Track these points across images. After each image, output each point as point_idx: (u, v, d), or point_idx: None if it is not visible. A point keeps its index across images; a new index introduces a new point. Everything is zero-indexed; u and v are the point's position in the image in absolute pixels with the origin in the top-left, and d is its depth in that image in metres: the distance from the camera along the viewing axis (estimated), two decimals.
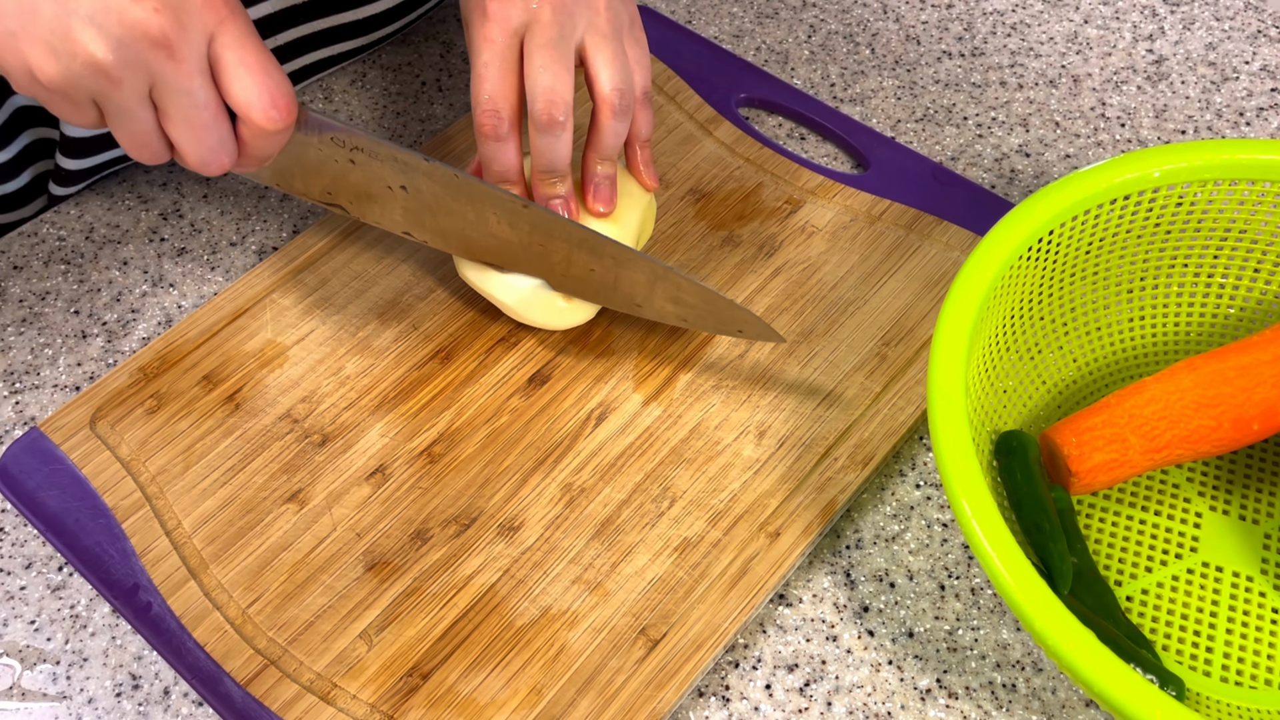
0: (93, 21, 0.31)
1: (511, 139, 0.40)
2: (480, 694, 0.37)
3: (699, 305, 0.40)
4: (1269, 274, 0.42)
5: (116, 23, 0.31)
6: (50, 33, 0.31)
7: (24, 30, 0.31)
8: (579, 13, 0.39)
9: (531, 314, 0.45)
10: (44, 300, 0.48)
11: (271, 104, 0.33)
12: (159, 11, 0.31)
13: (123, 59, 0.31)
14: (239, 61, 0.33)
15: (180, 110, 0.33)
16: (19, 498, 0.41)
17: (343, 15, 0.52)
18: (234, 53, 0.33)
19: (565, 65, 0.39)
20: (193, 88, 0.33)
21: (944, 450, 0.34)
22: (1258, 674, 0.38)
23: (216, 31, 0.32)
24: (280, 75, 0.34)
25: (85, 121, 0.34)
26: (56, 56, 0.31)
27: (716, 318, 0.41)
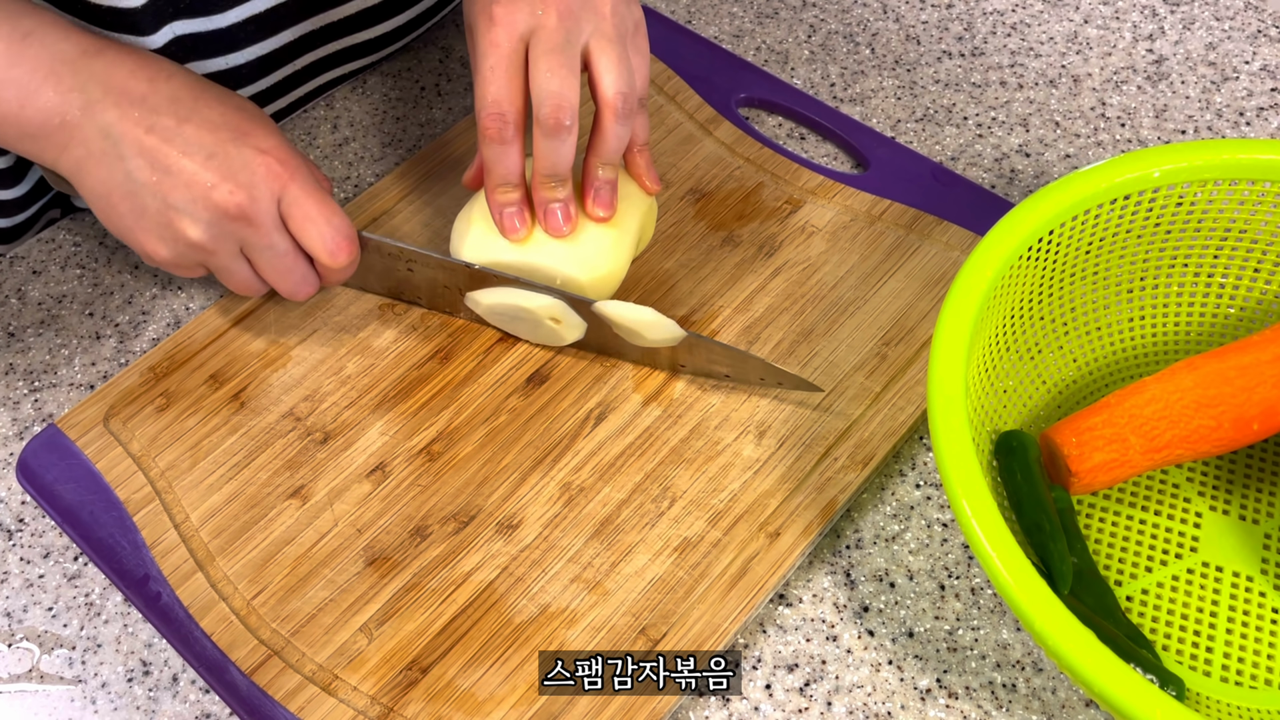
0: (186, 212, 0.39)
1: (515, 142, 0.40)
2: (479, 689, 0.37)
3: (735, 364, 0.43)
4: (1269, 274, 0.42)
5: (204, 209, 0.39)
6: (157, 224, 0.39)
7: (138, 225, 0.39)
8: (584, 17, 0.40)
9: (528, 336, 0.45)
10: (60, 303, 0.49)
11: (336, 248, 0.40)
12: (234, 193, 0.38)
13: (214, 235, 0.39)
14: (304, 216, 0.40)
15: (266, 261, 0.41)
16: (38, 490, 0.42)
17: (357, 36, 0.53)
18: (298, 208, 0.40)
19: (571, 70, 0.39)
20: (273, 242, 0.40)
21: (944, 450, 0.34)
22: (1258, 674, 0.38)
23: (282, 194, 0.39)
24: (340, 218, 0.41)
25: (196, 275, 0.42)
26: (164, 242, 0.40)
27: (755, 374, 0.43)
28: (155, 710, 0.39)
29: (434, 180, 0.51)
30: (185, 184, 0.38)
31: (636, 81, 0.41)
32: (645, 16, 0.46)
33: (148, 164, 0.38)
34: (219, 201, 0.38)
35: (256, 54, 0.49)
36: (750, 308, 0.47)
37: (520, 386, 0.45)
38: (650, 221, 0.46)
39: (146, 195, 0.39)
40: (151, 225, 0.39)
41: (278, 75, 0.51)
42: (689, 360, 0.44)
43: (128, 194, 0.39)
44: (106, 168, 0.39)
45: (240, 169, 0.39)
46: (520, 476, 0.42)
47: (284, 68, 0.51)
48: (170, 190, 0.38)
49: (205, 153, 0.38)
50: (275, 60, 0.50)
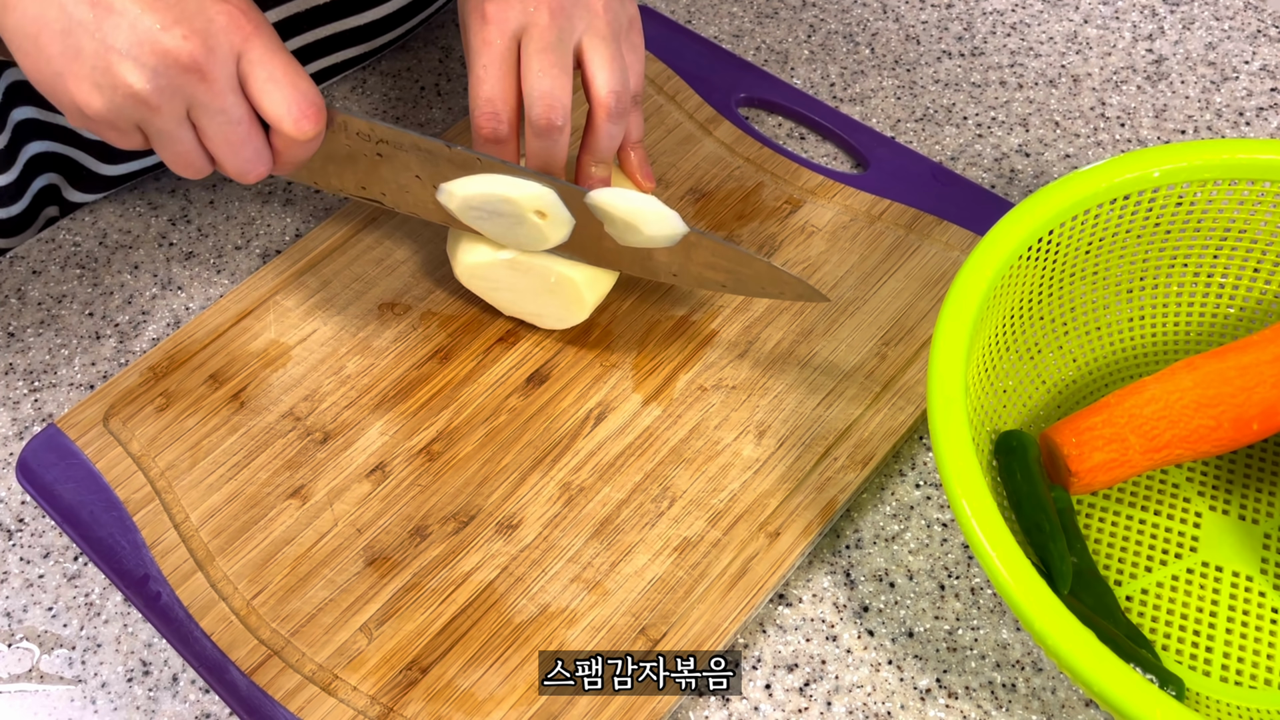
0: (129, 55, 0.33)
1: (510, 141, 0.40)
2: (479, 689, 0.37)
3: (736, 269, 0.40)
4: (1269, 274, 0.42)
5: (150, 53, 0.33)
6: (92, 69, 0.33)
7: (69, 70, 0.33)
8: (577, 15, 0.40)
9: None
10: (60, 303, 0.49)
11: (301, 115, 0.35)
12: (187, 38, 0.33)
13: (159, 87, 0.33)
14: (267, 76, 0.35)
15: (216, 128, 0.35)
16: (38, 490, 0.42)
17: (346, 21, 0.53)
18: (261, 68, 0.34)
19: (563, 68, 0.39)
20: (226, 106, 0.35)
21: (944, 450, 0.34)
22: (1258, 674, 0.38)
23: (243, 49, 0.34)
24: (308, 84, 0.35)
25: (131, 145, 0.36)
26: (100, 91, 0.34)
27: (756, 281, 0.41)
28: (155, 710, 0.39)
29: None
30: (130, 24, 0.33)
31: (630, 79, 0.41)
32: (644, 16, 0.46)
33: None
34: (168, 47, 0.33)
35: None
36: (750, 308, 0.47)
37: (520, 386, 0.45)
38: None
39: (83, 34, 0.33)
40: (86, 70, 0.33)
41: None
42: (685, 267, 0.41)
43: (60, 32, 0.33)
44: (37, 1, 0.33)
45: (196, 13, 0.33)
46: (520, 476, 0.42)
47: None
48: (112, 30, 0.33)
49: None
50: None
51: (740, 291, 0.41)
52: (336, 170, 0.41)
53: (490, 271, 0.43)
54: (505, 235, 0.41)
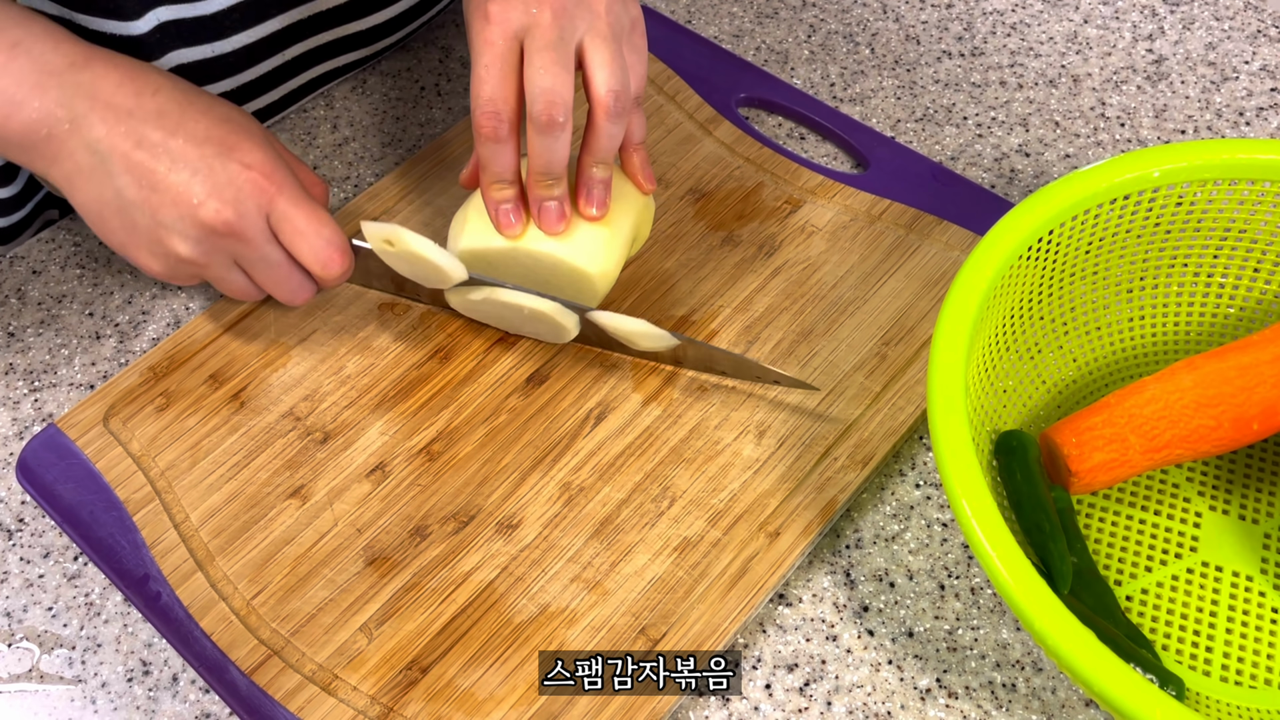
0: (175, 229, 0.39)
1: (511, 140, 0.40)
2: (479, 689, 0.37)
3: (733, 367, 0.44)
4: (1269, 274, 0.42)
5: (192, 226, 0.39)
6: (148, 241, 0.40)
7: (130, 241, 0.40)
8: (579, 15, 0.40)
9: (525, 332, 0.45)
10: (61, 303, 0.49)
11: (328, 260, 0.41)
12: (220, 211, 0.39)
13: (205, 250, 0.40)
14: (293, 230, 0.40)
15: (260, 272, 0.41)
16: (38, 490, 0.42)
17: (347, 27, 0.53)
18: (287, 222, 0.40)
19: (565, 67, 0.39)
20: (264, 255, 0.41)
21: (944, 450, 0.34)
22: (1258, 674, 0.38)
23: (270, 208, 0.40)
24: (331, 229, 0.41)
25: (194, 284, 0.43)
26: (157, 258, 0.40)
27: (750, 373, 0.44)
28: (155, 710, 0.39)
29: (433, 180, 0.51)
30: (172, 201, 0.39)
31: (632, 80, 0.41)
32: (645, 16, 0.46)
33: (135, 181, 0.38)
34: (205, 219, 0.39)
35: (244, 41, 0.49)
36: (750, 307, 0.47)
37: (520, 386, 0.45)
38: (646, 221, 0.46)
39: (136, 212, 0.39)
40: (143, 241, 0.40)
41: (267, 65, 0.51)
42: (688, 358, 0.44)
43: (118, 210, 0.39)
44: (96, 184, 0.39)
45: (225, 185, 0.39)
46: (520, 476, 0.42)
47: (273, 57, 0.51)
48: (158, 208, 0.39)
49: (190, 169, 0.39)
50: (264, 49, 0.50)
51: (743, 377, 0.45)
52: (375, 279, 0.46)
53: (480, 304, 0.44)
54: (521, 328, 0.45)
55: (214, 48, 0.48)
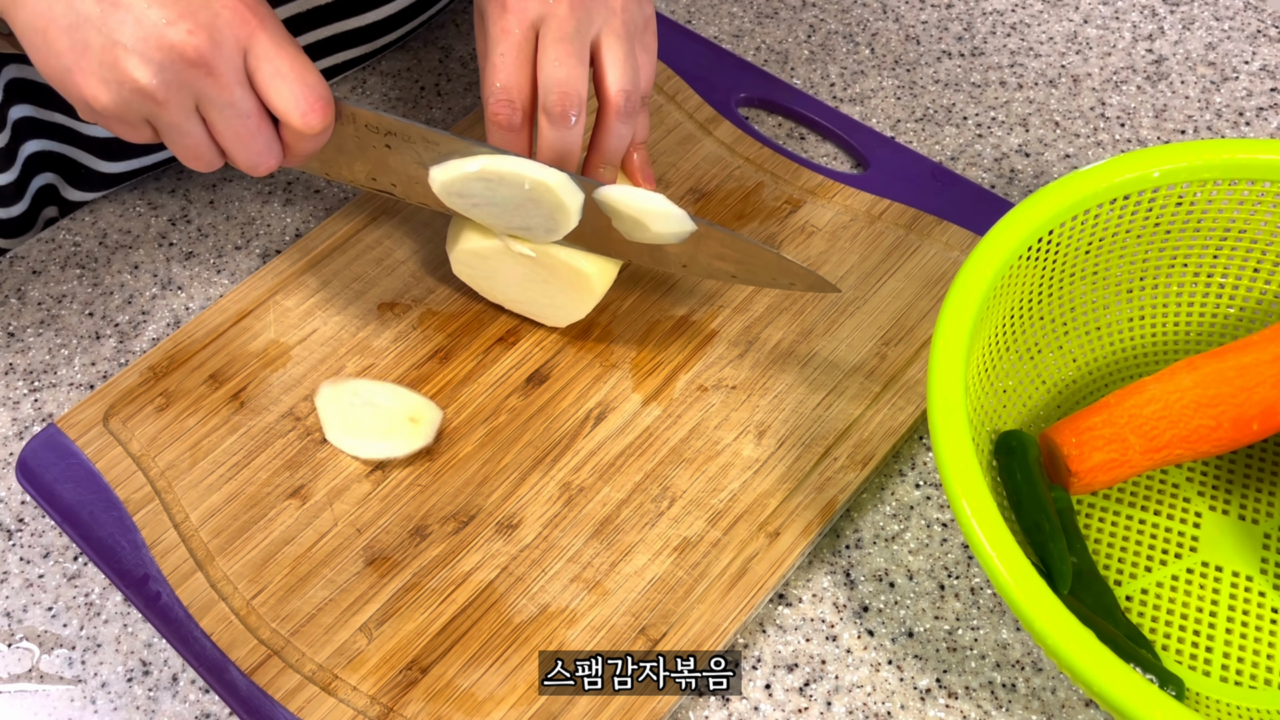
0: (135, 50, 0.33)
1: (523, 130, 0.40)
2: (479, 689, 0.37)
3: (745, 260, 0.40)
4: (1269, 274, 0.42)
5: (156, 48, 0.33)
6: (100, 65, 0.34)
7: (77, 65, 0.34)
8: (596, 10, 0.39)
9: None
10: (60, 303, 0.49)
11: (309, 109, 0.35)
12: (193, 33, 0.33)
13: (166, 81, 0.34)
14: (274, 71, 0.35)
15: (225, 121, 0.35)
16: (37, 490, 0.42)
17: (346, 23, 0.53)
18: (268, 62, 0.35)
19: (580, 60, 0.39)
20: (234, 100, 0.35)
21: (944, 450, 0.34)
22: (1257, 674, 0.38)
23: (249, 44, 0.34)
24: (315, 77, 0.36)
25: (141, 139, 0.36)
26: (107, 86, 0.34)
27: (765, 272, 0.41)
28: (155, 710, 0.39)
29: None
30: (136, 19, 0.33)
31: (641, 80, 0.41)
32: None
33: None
34: (174, 42, 0.33)
35: None
36: (750, 308, 0.47)
37: (520, 386, 0.45)
38: None
39: (90, 29, 0.33)
40: (93, 65, 0.34)
41: None
42: (694, 258, 0.41)
43: (68, 27, 0.34)
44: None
45: (201, 8, 0.34)
46: (520, 476, 0.42)
47: None
48: (118, 25, 0.33)
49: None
50: None
51: (750, 282, 0.41)
52: (347, 161, 0.41)
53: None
54: (508, 222, 0.41)
55: None
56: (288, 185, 0.53)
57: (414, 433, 0.42)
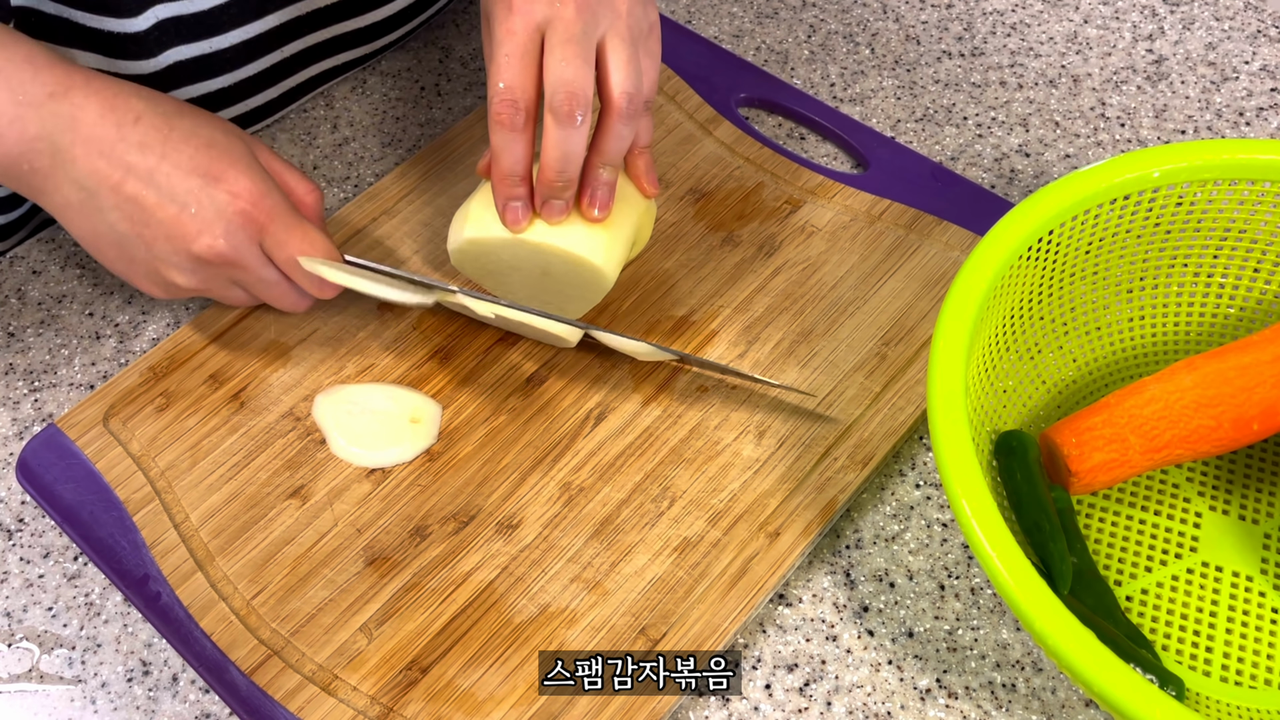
0: (171, 264, 0.40)
1: (526, 131, 0.40)
2: (479, 689, 0.37)
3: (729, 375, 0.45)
4: (1269, 274, 0.42)
5: (188, 260, 0.40)
6: (147, 272, 0.41)
7: (129, 271, 0.41)
8: (601, 13, 0.39)
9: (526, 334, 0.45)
10: (60, 303, 0.49)
11: (320, 284, 0.42)
12: (212, 245, 0.39)
13: (203, 278, 0.41)
14: (286, 259, 0.41)
15: (259, 290, 0.42)
16: (37, 490, 0.42)
17: (345, 24, 0.53)
18: (281, 250, 0.41)
19: (587, 62, 0.39)
20: (261, 277, 0.42)
21: (944, 450, 0.34)
22: (1258, 674, 0.38)
23: (262, 237, 0.41)
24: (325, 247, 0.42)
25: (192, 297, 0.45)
26: (158, 286, 0.42)
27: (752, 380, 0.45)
28: (155, 710, 0.39)
29: (434, 180, 0.51)
30: (165, 236, 0.39)
31: (644, 84, 0.41)
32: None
33: (126, 216, 0.39)
34: (199, 253, 0.40)
35: (241, 38, 0.49)
36: (750, 307, 0.47)
37: (520, 386, 0.45)
38: (648, 223, 0.46)
39: (131, 245, 0.40)
40: (142, 272, 0.41)
41: (266, 62, 0.51)
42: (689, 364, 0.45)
43: (114, 242, 0.40)
44: (88, 218, 0.39)
45: (216, 219, 0.39)
46: (520, 476, 0.42)
47: (271, 54, 0.51)
48: (152, 241, 0.39)
49: (179, 203, 0.39)
50: (261, 45, 0.50)
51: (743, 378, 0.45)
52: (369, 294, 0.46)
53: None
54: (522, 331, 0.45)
55: (211, 43, 0.48)
56: None
57: (417, 434, 0.43)
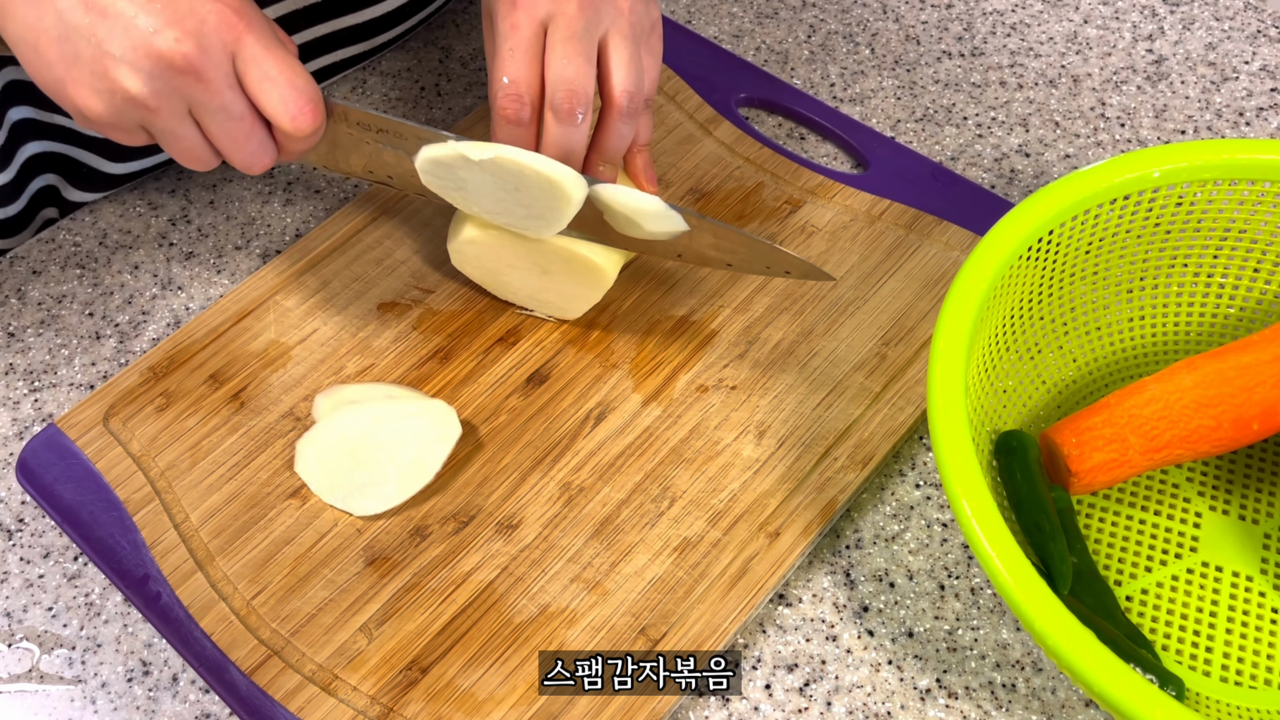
0: (124, 60, 0.34)
1: (531, 126, 0.39)
2: (479, 689, 0.37)
3: (740, 250, 0.41)
4: (1269, 274, 0.42)
5: (144, 57, 0.34)
6: (91, 75, 0.34)
7: (69, 76, 0.35)
8: (604, 11, 0.39)
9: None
10: (60, 303, 0.49)
11: (299, 111, 0.36)
12: (180, 40, 0.34)
13: (156, 89, 0.34)
14: (262, 75, 0.35)
15: (218, 125, 0.36)
16: (37, 490, 0.42)
17: (345, 19, 0.53)
18: (256, 66, 0.35)
19: (588, 59, 0.39)
20: (225, 103, 0.35)
21: (944, 450, 0.34)
22: (1257, 674, 0.38)
23: (237, 48, 0.35)
24: (304, 79, 0.36)
25: (137, 143, 0.37)
26: (99, 95, 0.35)
27: (760, 261, 0.41)
28: (155, 710, 0.39)
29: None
30: (124, 29, 0.34)
31: (645, 82, 0.41)
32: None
33: (82, 4, 0.34)
34: (162, 50, 0.34)
35: None
36: (750, 308, 0.47)
37: (520, 386, 0.45)
38: None
39: (80, 40, 0.34)
40: (85, 76, 0.34)
41: None
42: (689, 249, 0.42)
43: (58, 39, 0.34)
44: (35, 8, 0.34)
45: (188, 14, 0.34)
46: (520, 476, 0.42)
47: None
48: (107, 35, 0.34)
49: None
50: None
51: (745, 270, 0.42)
52: (343, 155, 0.41)
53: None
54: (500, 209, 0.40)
55: None
56: (288, 185, 0.53)
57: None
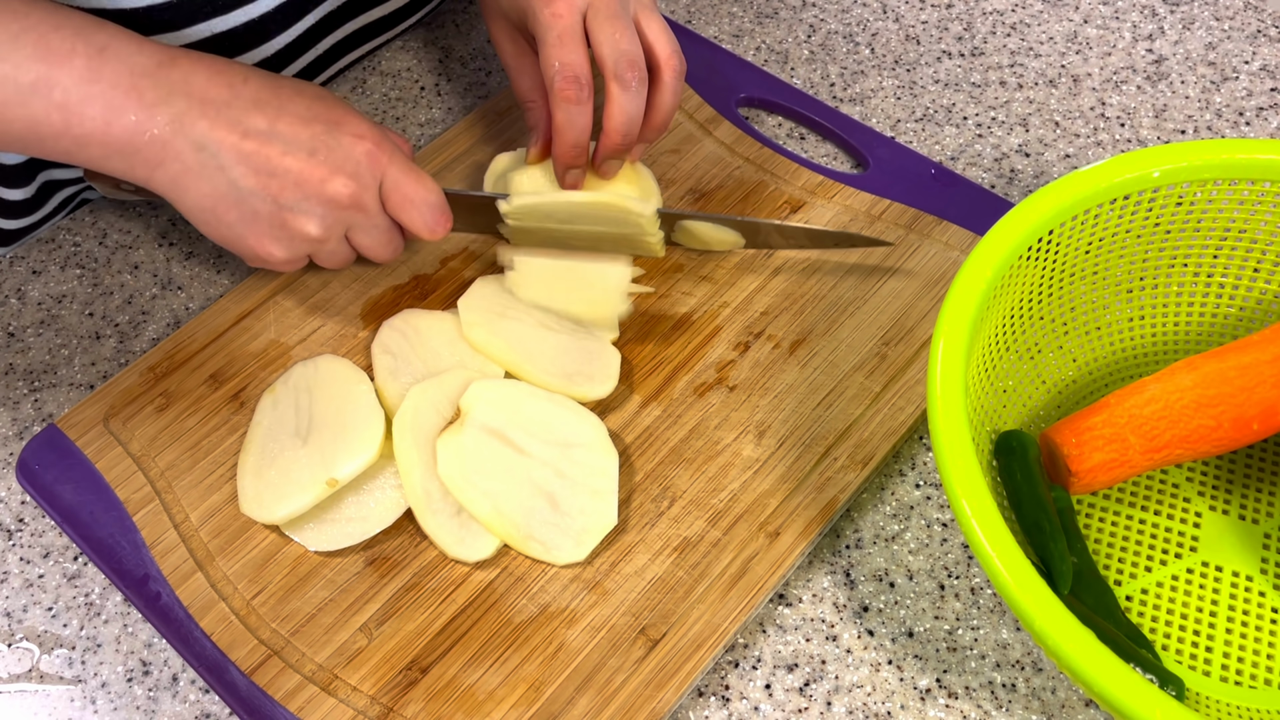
0: (301, 210, 0.40)
1: (589, 104, 0.43)
2: (479, 689, 0.37)
3: (803, 237, 0.47)
4: (1269, 274, 0.42)
5: (318, 204, 0.40)
6: (271, 227, 0.40)
7: (249, 231, 0.40)
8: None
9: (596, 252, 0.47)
10: (60, 303, 0.49)
11: (435, 224, 0.42)
12: (346, 185, 0.40)
13: (328, 225, 0.41)
14: (403, 199, 0.42)
15: (370, 238, 0.43)
16: (37, 490, 0.42)
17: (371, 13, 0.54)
18: (397, 191, 0.42)
19: (634, 33, 0.43)
20: (377, 224, 0.42)
21: (944, 450, 0.34)
22: (1257, 674, 0.38)
23: (383, 177, 0.41)
24: (435, 195, 0.42)
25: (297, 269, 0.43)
26: (279, 242, 0.41)
27: (822, 241, 0.47)
28: (155, 710, 0.39)
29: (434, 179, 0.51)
30: (295, 183, 0.39)
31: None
32: None
33: (251, 170, 0.39)
34: (332, 195, 0.40)
35: (285, 41, 0.49)
36: (750, 308, 0.47)
37: None
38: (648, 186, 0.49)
39: (255, 200, 0.39)
40: (265, 229, 0.40)
41: (305, 60, 0.52)
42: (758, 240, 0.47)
43: (235, 202, 0.40)
44: (207, 180, 0.39)
45: (344, 160, 0.40)
46: None
47: (309, 51, 0.52)
48: (280, 191, 0.39)
49: (306, 149, 0.39)
50: (302, 45, 0.51)
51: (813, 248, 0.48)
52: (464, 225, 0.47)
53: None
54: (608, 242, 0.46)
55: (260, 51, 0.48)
56: None
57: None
